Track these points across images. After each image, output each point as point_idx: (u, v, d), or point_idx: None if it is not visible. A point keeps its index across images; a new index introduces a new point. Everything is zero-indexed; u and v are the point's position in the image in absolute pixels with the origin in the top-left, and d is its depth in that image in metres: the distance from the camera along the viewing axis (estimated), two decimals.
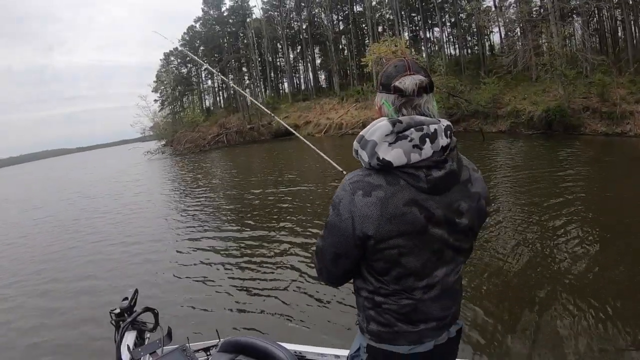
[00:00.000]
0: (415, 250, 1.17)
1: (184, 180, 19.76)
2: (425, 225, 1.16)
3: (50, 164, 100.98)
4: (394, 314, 1.25)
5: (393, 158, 1.11)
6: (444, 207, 1.17)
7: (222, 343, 1.74)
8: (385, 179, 1.14)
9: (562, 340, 3.58)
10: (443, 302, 1.28)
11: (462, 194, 1.22)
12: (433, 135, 1.13)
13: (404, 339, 1.26)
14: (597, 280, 4.67)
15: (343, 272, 1.30)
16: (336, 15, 49.42)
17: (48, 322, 5.40)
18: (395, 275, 1.21)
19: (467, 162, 1.28)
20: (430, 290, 1.24)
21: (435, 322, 1.28)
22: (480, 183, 1.29)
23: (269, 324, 4.49)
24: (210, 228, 9.21)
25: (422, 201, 1.14)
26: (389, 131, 1.13)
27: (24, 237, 11.61)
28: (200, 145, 39.26)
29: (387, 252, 1.16)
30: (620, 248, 5.52)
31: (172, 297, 5.49)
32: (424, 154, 1.12)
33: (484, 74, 26.70)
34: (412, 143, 1.12)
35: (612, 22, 29.60)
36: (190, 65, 59.54)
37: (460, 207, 1.21)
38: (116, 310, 2.07)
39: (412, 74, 1.18)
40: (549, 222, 6.77)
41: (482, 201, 1.28)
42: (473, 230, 1.28)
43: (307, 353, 2.01)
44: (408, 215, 1.13)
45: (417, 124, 1.14)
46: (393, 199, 1.13)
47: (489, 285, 4.86)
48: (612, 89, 18.25)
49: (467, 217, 1.22)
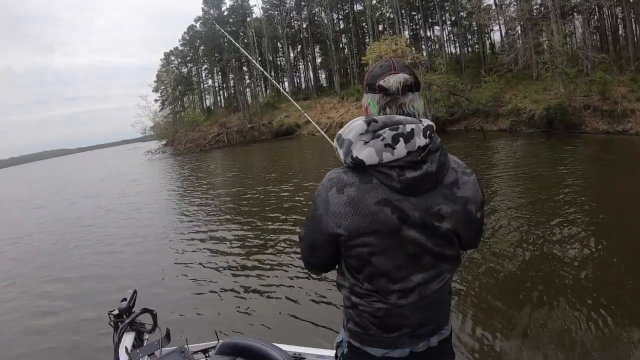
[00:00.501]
0: (387, 250, 1.17)
1: (185, 180, 19.78)
2: (399, 226, 1.14)
3: (51, 164, 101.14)
4: (369, 317, 1.24)
5: (365, 157, 1.12)
6: (421, 210, 1.15)
7: (220, 345, 1.74)
8: (359, 177, 1.15)
9: (562, 339, 3.57)
10: (422, 311, 1.24)
11: (445, 197, 1.18)
12: (409, 135, 1.12)
13: (377, 343, 1.26)
14: (597, 280, 4.65)
15: (319, 263, 1.33)
16: (336, 14, 49.41)
17: (48, 320, 5.41)
18: (367, 274, 1.21)
19: (456, 164, 1.24)
20: (407, 296, 1.22)
21: (411, 330, 1.25)
22: (471, 187, 1.22)
23: (267, 325, 4.47)
24: (210, 228, 9.21)
25: (395, 201, 1.13)
26: (363, 130, 1.14)
27: (28, 236, 11.67)
28: (200, 145, 39.32)
29: (358, 249, 1.17)
30: (621, 247, 5.51)
31: (171, 298, 5.48)
32: (396, 153, 1.11)
33: (485, 72, 26.65)
34: (384, 142, 1.11)
35: (613, 20, 29.56)
36: (191, 64, 59.60)
37: (441, 210, 1.17)
38: (115, 312, 2.06)
39: (397, 72, 1.18)
40: (549, 221, 6.76)
41: (471, 206, 1.22)
42: (459, 236, 1.24)
43: (305, 355, 2.00)
44: (379, 215, 1.13)
45: (394, 123, 1.13)
46: (365, 197, 1.13)
47: (489, 284, 4.85)
48: (613, 87, 18.21)
49: (449, 222, 1.18)
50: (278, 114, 43.20)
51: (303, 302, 4.89)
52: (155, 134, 48.62)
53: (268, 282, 5.66)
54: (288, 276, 5.73)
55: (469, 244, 1.34)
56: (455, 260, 1.27)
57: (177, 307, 5.14)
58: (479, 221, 1.27)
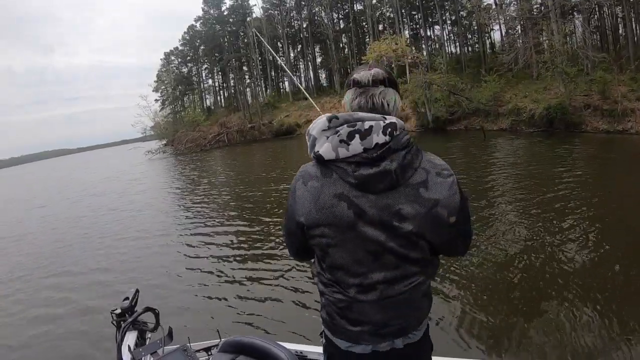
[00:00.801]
0: (345, 244, 1.19)
1: (186, 179, 19.79)
2: (354, 221, 1.16)
3: (51, 164, 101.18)
4: (333, 307, 1.28)
5: (323, 152, 1.17)
6: (379, 208, 1.15)
7: (222, 343, 1.74)
8: (322, 171, 1.20)
9: (562, 339, 3.58)
10: (385, 311, 1.23)
11: (408, 198, 1.15)
12: (366, 132, 1.14)
13: (342, 335, 1.29)
14: (597, 279, 4.66)
15: (295, 249, 1.40)
16: (336, 14, 49.39)
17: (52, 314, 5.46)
18: (328, 265, 1.25)
19: (431, 164, 1.20)
20: (366, 292, 1.22)
21: (373, 328, 1.25)
22: (444, 189, 1.17)
23: (270, 323, 4.49)
24: (212, 226, 9.23)
25: (353, 197, 1.16)
26: (325, 126, 1.18)
27: (31, 233, 11.80)
28: (201, 145, 39.32)
29: (317, 239, 1.23)
30: (622, 246, 5.51)
31: (174, 297, 5.50)
32: (351, 149, 1.14)
33: (485, 71, 26.64)
34: (340, 138, 1.14)
35: (613, 20, 29.56)
36: (191, 64, 59.58)
37: (402, 210, 1.15)
38: (117, 311, 2.07)
39: (370, 69, 1.23)
40: (548, 220, 6.76)
41: (440, 209, 1.17)
42: (425, 239, 1.19)
43: (308, 353, 2.00)
44: (336, 208, 1.17)
45: (355, 120, 1.16)
46: (324, 190, 1.18)
47: (488, 282, 4.86)
48: (613, 87, 18.21)
49: (412, 223, 1.15)
50: (278, 113, 43.21)
51: (306, 300, 4.90)
52: (155, 133, 48.57)
53: (270, 280, 5.66)
54: (291, 274, 5.74)
55: (447, 251, 1.31)
56: (425, 264, 1.24)
57: (179, 306, 5.16)
58: (452, 226, 1.20)
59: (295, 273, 5.73)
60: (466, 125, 24.49)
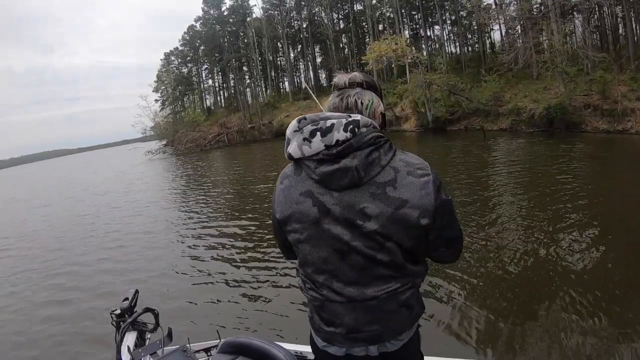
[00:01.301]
0: (311, 240, 1.22)
1: (185, 179, 19.80)
2: (318, 218, 1.18)
3: (52, 164, 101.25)
4: (311, 304, 1.32)
5: (292, 151, 1.21)
6: (342, 206, 1.15)
7: (222, 344, 1.74)
8: (294, 169, 1.26)
9: (562, 339, 3.57)
10: (357, 314, 1.21)
11: (373, 196, 1.13)
12: (327, 130, 1.15)
13: (319, 332, 1.31)
14: (597, 279, 4.66)
15: (281, 245, 1.43)
16: (336, 14, 49.35)
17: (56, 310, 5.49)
18: (300, 260, 1.30)
19: (403, 162, 1.17)
20: (337, 292, 1.22)
21: (344, 331, 1.23)
22: (414, 189, 1.14)
23: (270, 324, 4.49)
24: (211, 227, 9.23)
25: (318, 194, 1.18)
26: (296, 127, 1.22)
27: (34, 231, 11.97)
28: (201, 145, 39.32)
29: (290, 235, 1.27)
30: (622, 246, 5.51)
31: (173, 297, 5.50)
32: (313, 147, 1.16)
33: (485, 71, 26.64)
34: (303, 136, 1.18)
35: (613, 19, 29.52)
36: (191, 64, 59.56)
37: (367, 209, 1.13)
38: (116, 311, 2.06)
39: (349, 73, 1.29)
40: (548, 220, 6.76)
41: (409, 210, 1.13)
42: (393, 241, 1.15)
43: (307, 353, 2.00)
44: (302, 205, 1.21)
45: (319, 119, 1.19)
46: (294, 187, 1.23)
47: (486, 282, 4.86)
48: (613, 87, 18.21)
49: (376, 222, 1.13)
50: (278, 113, 43.18)
51: (305, 300, 4.88)
52: (155, 134, 48.55)
53: (270, 280, 5.68)
54: (291, 274, 5.73)
55: (432, 257, 1.30)
56: (396, 270, 1.20)
57: (179, 306, 5.16)
58: (423, 228, 1.16)
59: (294, 273, 5.72)
60: (466, 125, 24.48)
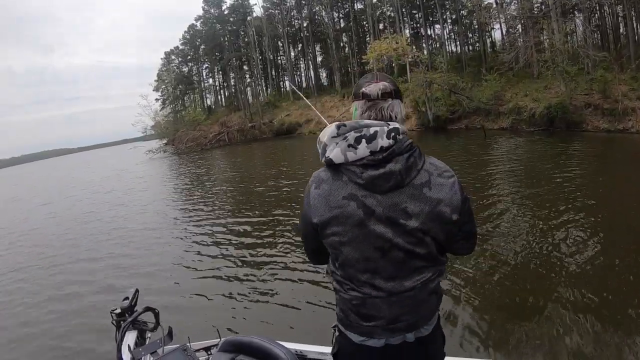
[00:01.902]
0: (354, 242, 1.28)
1: (186, 178, 19.79)
2: (363, 219, 1.26)
3: (53, 163, 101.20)
4: (347, 304, 1.36)
5: (334, 156, 1.27)
6: (386, 206, 1.25)
7: (222, 342, 1.74)
8: (332, 175, 1.31)
9: (562, 339, 3.57)
10: (396, 306, 1.31)
11: (413, 197, 1.26)
12: (371, 137, 1.24)
13: (356, 329, 1.36)
14: (597, 278, 4.66)
15: (311, 250, 1.49)
16: (337, 13, 49.32)
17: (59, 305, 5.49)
18: (340, 263, 1.34)
19: (433, 166, 1.31)
20: (378, 289, 1.31)
21: (384, 322, 1.32)
22: (445, 189, 1.28)
23: (270, 322, 4.50)
24: (211, 226, 9.23)
25: (362, 197, 1.26)
26: (334, 133, 1.29)
27: (35, 229, 12.12)
28: (201, 144, 39.29)
29: (331, 238, 1.31)
30: (622, 245, 5.51)
31: (174, 296, 5.50)
32: (359, 153, 1.24)
33: (486, 70, 26.64)
34: (348, 143, 1.25)
35: (614, 19, 29.49)
36: (191, 64, 59.58)
37: (408, 209, 1.25)
38: (117, 310, 2.07)
39: (378, 82, 1.34)
40: (549, 219, 6.76)
41: (443, 208, 1.27)
42: (433, 237, 1.28)
43: (308, 352, 2.00)
44: (346, 208, 1.26)
45: (360, 127, 1.27)
46: (335, 192, 1.28)
47: (486, 280, 4.86)
48: (614, 86, 18.18)
49: (417, 220, 1.25)
50: (279, 112, 43.20)
51: (306, 299, 4.91)
52: (156, 133, 48.52)
53: (271, 279, 5.68)
54: (291, 273, 5.75)
55: (453, 249, 1.42)
56: (431, 261, 1.32)
57: (179, 305, 5.16)
58: (455, 223, 1.31)
59: (296, 273, 5.74)
60: (467, 124, 24.46)
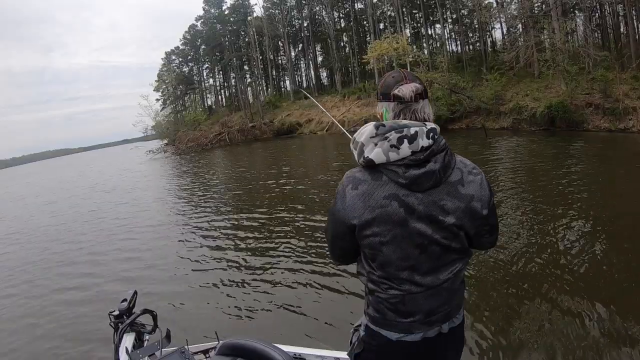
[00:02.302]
0: (396, 240, 1.30)
1: (188, 178, 19.78)
2: (405, 218, 1.28)
3: (53, 163, 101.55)
4: (385, 303, 1.38)
5: (374, 156, 1.28)
6: (426, 204, 1.29)
7: (220, 345, 1.74)
8: (371, 175, 1.31)
9: (562, 335, 3.56)
10: (434, 299, 1.36)
11: (449, 194, 1.31)
12: (412, 137, 1.26)
13: (394, 327, 1.39)
14: (598, 277, 4.65)
15: (340, 252, 1.48)
16: (337, 13, 49.30)
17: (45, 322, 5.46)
18: (380, 262, 1.35)
19: (463, 164, 1.37)
20: (417, 283, 1.35)
21: (423, 316, 1.37)
22: (476, 186, 1.35)
23: (268, 326, 4.48)
24: (212, 227, 9.21)
25: (403, 196, 1.28)
26: (373, 133, 1.30)
27: (42, 227, 12.25)
28: (202, 144, 39.28)
29: (370, 239, 1.32)
30: (623, 244, 5.49)
31: (172, 299, 5.48)
32: (401, 153, 1.26)
33: (486, 70, 26.64)
34: (390, 143, 1.27)
35: (615, 18, 29.43)
36: (192, 64, 59.61)
37: (445, 206, 1.30)
38: (115, 312, 2.06)
39: (409, 82, 1.33)
40: (550, 218, 6.75)
41: (475, 203, 1.34)
42: (466, 231, 1.35)
43: (306, 355, 2.00)
44: (388, 208, 1.28)
45: (400, 127, 1.28)
46: (375, 192, 1.29)
47: (486, 279, 4.85)
48: (615, 85, 18.15)
49: (454, 216, 1.31)
50: (279, 112, 43.21)
51: (304, 302, 4.89)
52: (156, 133, 48.61)
53: (269, 282, 5.65)
54: (291, 275, 5.73)
55: (482, 240, 1.46)
56: (463, 253, 1.39)
57: (177, 308, 5.15)
58: (485, 218, 1.37)
59: (296, 275, 5.73)
60: (467, 124, 24.46)
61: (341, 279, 5.31)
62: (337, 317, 4.36)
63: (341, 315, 4.34)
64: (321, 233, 7.26)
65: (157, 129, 48.01)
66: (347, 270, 5.37)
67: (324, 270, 5.70)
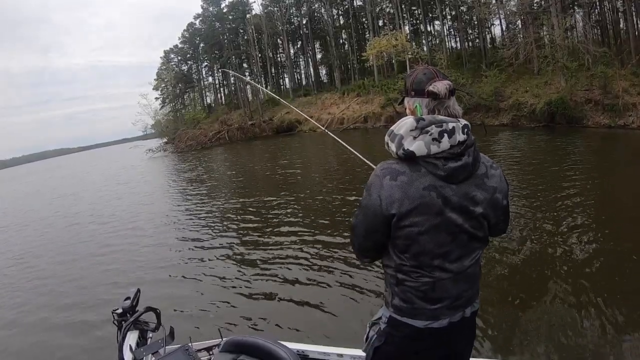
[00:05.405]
0: (432, 230, 1.35)
1: (188, 176, 19.75)
2: (442, 208, 1.34)
3: (54, 163, 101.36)
4: (414, 292, 1.42)
5: (416, 149, 1.32)
6: (460, 195, 1.35)
7: (224, 342, 1.75)
8: (409, 166, 1.34)
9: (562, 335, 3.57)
10: (459, 284, 1.43)
11: (478, 186, 1.39)
12: (451, 132, 1.33)
13: (422, 315, 1.43)
14: (598, 275, 4.65)
15: (373, 245, 1.47)
16: (336, 10, 49.21)
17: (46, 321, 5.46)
18: (414, 252, 1.38)
19: (485, 159, 1.46)
20: (446, 270, 1.40)
21: (450, 302, 1.43)
22: (497, 179, 1.45)
23: (272, 323, 4.48)
24: (214, 225, 9.22)
25: (440, 188, 1.33)
26: (413, 127, 1.33)
27: (42, 222, 11.83)
28: (202, 143, 39.21)
29: (407, 229, 1.35)
30: (624, 241, 5.50)
31: (175, 296, 5.49)
32: (442, 146, 1.32)
33: (486, 67, 26.59)
34: (432, 137, 1.31)
35: (614, 14, 29.40)
36: (191, 62, 59.50)
37: (476, 197, 1.38)
38: (118, 310, 2.07)
39: (440, 79, 1.39)
40: (550, 215, 6.75)
41: (498, 195, 1.44)
42: (488, 220, 1.44)
43: (310, 352, 2.00)
44: (427, 198, 1.32)
45: (438, 122, 1.33)
46: (414, 183, 1.32)
47: (489, 278, 4.85)
48: (614, 81, 18.12)
49: (482, 207, 1.40)
50: (279, 110, 43.12)
51: (308, 299, 4.89)
52: (156, 132, 48.58)
53: (272, 279, 5.65)
54: (293, 274, 5.73)
55: (498, 228, 1.54)
56: (485, 241, 1.48)
57: (181, 305, 5.15)
58: (504, 208, 1.49)
59: (299, 272, 5.73)
60: (467, 120, 24.03)
61: (346, 274, 5.34)
62: (341, 315, 4.38)
63: (346, 313, 4.36)
64: (324, 232, 7.27)
65: (157, 127, 47.96)
66: (353, 265, 5.41)
67: (329, 266, 5.73)
